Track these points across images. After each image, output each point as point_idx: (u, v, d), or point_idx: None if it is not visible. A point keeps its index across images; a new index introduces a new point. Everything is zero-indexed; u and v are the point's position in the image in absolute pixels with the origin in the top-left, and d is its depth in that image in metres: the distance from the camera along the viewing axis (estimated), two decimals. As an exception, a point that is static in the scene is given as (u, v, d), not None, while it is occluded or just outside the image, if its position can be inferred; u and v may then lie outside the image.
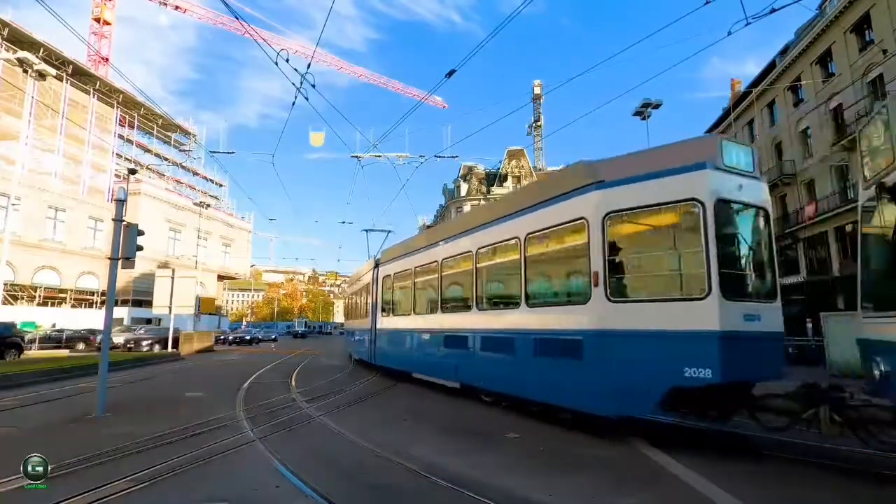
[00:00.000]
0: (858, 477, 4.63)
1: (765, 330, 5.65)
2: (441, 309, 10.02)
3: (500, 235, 8.09)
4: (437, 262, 10.23)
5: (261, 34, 31.54)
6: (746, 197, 5.87)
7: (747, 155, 6.03)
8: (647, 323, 5.71)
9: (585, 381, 6.09)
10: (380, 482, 4.48)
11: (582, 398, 6.16)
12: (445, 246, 9.94)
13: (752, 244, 6.21)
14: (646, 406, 5.60)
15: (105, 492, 3.95)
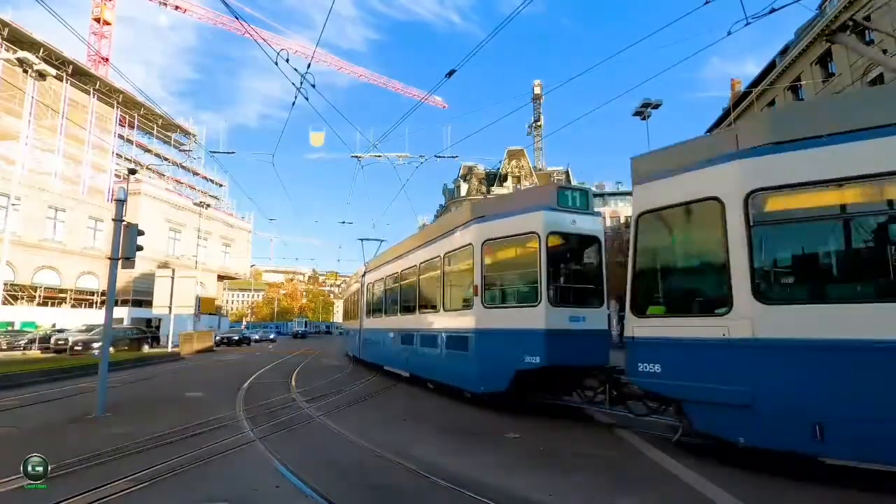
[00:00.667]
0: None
1: (589, 328, 7.51)
2: (399, 311, 12.22)
3: (431, 254, 10.14)
4: (398, 273, 12.35)
5: (261, 34, 31.53)
6: (577, 229, 7.72)
7: (582, 196, 7.92)
8: (504, 323, 7.72)
9: (469, 367, 8.20)
10: (380, 482, 4.48)
11: (467, 380, 8.20)
12: (402, 260, 11.96)
13: (579, 264, 8.14)
14: (502, 384, 7.41)
15: (105, 492, 3.95)
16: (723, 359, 4.90)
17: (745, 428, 4.73)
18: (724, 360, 4.88)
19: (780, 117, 6.23)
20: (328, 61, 57.22)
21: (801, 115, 5.44)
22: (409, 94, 62.03)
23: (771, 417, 4.58)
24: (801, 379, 4.52)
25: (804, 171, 4.64)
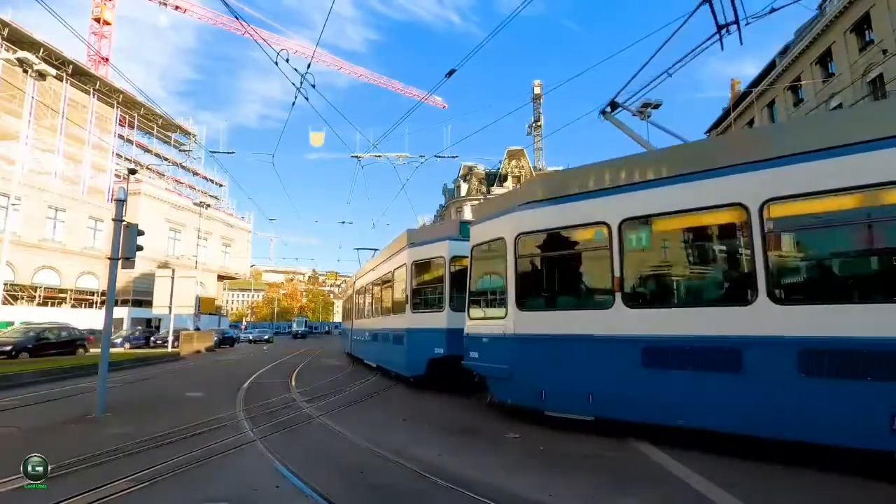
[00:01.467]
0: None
1: None
2: (369, 314, 15.34)
3: (386, 269, 13.18)
4: (369, 282, 15.39)
5: (260, 34, 31.54)
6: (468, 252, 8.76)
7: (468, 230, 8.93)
8: (424, 324, 10.47)
9: (403, 356, 11.10)
10: (380, 482, 4.48)
11: (402, 367, 11.09)
12: (372, 273, 15.04)
13: None
14: (422, 368, 10.11)
15: (105, 492, 3.95)
16: (500, 347, 7.38)
17: (508, 392, 7.40)
18: (501, 347, 7.37)
19: (535, 185, 10.02)
20: (328, 61, 57.22)
21: (548, 184, 8.22)
22: (409, 94, 62.03)
23: (519, 385, 7.11)
24: (533, 359, 6.95)
25: (543, 221, 7.27)
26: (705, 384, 5.53)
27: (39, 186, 31.87)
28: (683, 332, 5.67)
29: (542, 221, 7.21)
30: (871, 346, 4.52)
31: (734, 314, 5.45)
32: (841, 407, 4.64)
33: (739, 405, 5.25)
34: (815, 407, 4.78)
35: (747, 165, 5.48)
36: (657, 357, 5.82)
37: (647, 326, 5.94)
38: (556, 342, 6.69)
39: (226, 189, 53.30)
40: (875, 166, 4.71)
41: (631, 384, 5.96)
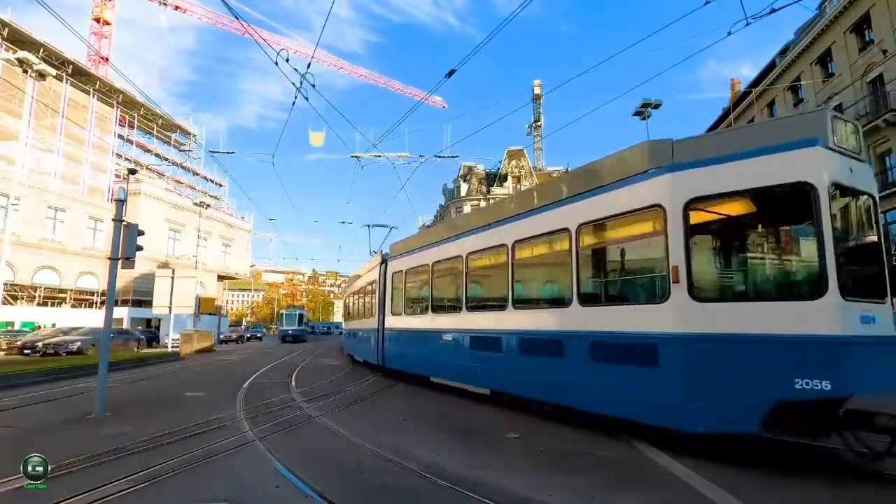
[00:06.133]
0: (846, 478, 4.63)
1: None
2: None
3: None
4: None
5: (260, 34, 31.53)
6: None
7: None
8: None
9: (377, 351, 12.60)
10: (380, 482, 4.48)
11: (376, 359, 12.27)
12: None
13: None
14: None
15: (105, 492, 3.95)
16: (378, 338, 13.56)
17: (385, 366, 12.93)
18: (378, 339, 13.57)
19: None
20: (328, 61, 57.27)
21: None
22: (408, 94, 62.10)
23: (392, 360, 12.62)
24: (400, 343, 12.29)
25: (408, 263, 11.67)
26: (542, 367, 7.16)
27: (39, 186, 31.87)
28: (531, 327, 7.61)
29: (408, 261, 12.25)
30: (635, 339, 5.71)
31: (560, 314, 6.99)
32: (619, 386, 5.88)
33: (563, 383, 6.76)
34: (602, 385, 6.13)
35: (573, 197, 6.92)
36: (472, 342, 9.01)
37: (488, 322, 8.75)
38: (407, 333, 12.04)
39: (226, 189, 53.39)
40: (624, 198, 6.08)
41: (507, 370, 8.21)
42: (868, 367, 4.66)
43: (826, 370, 4.46)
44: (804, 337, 4.60)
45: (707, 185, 5.29)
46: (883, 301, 5.08)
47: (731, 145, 5.35)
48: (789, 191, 4.94)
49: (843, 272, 4.70)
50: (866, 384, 4.52)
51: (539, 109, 61.07)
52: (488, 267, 8.94)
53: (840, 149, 5.00)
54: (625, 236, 6.38)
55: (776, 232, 5.59)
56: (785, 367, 4.63)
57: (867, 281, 5.20)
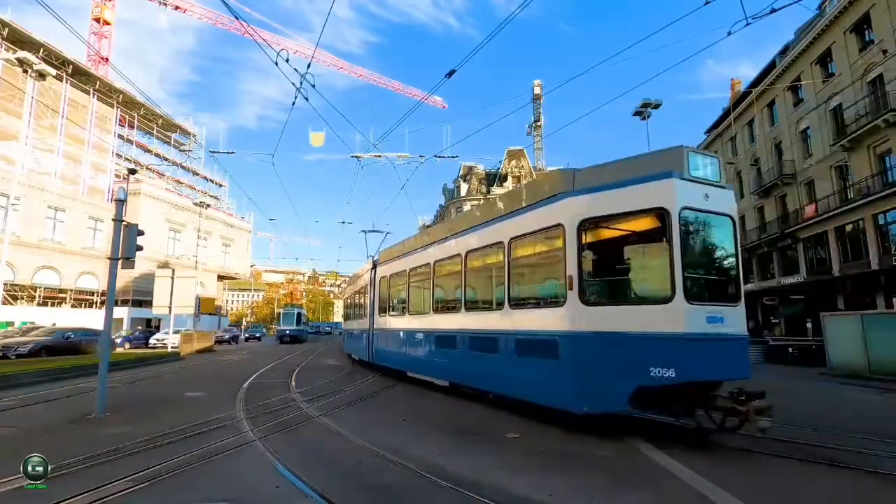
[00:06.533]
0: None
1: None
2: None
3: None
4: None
5: (260, 34, 31.52)
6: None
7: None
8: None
9: (368, 349, 12.90)
10: (380, 482, 4.47)
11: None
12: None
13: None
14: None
15: (105, 492, 3.95)
16: (368, 337, 15.10)
17: (373, 363, 14.43)
18: (368, 337, 15.07)
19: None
20: (328, 61, 57.23)
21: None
22: (408, 94, 62.08)
23: (379, 356, 13.90)
24: (384, 342, 13.48)
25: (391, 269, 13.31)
26: (484, 361, 8.26)
27: (39, 186, 31.85)
28: (476, 327, 8.75)
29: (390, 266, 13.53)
30: (543, 337, 6.79)
31: (496, 315, 8.07)
32: (534, 375, 6.96)
33: (498, 374, 7.88)
34: (523, 375, 7.17)
35: (507, 215, 7.90)
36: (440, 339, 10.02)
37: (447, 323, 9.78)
38: (388, 331, 13.37)
39: (226, 189, 53.38)
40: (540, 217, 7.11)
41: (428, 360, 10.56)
42: (704, 357, 5.67)
43: (671, 360, 5.53)
44: (656, 334, 5.65)
45: (594, 208, 6.33)
46: (735, 304, 6.20)
47: (614, 175, 6.36)
48: (650, 214, 6.04)
49: (689, 281, 5.75)
50: (703, 372, 5.69)
51: (539, 109, 61.03)
52: (449, 274, 10.00)
53: (694, 179, 6.04)
54: (540, 250, 7.34)
55: (642, 247, 6.48)
56: (644, 358, 5.66)
57: (718, 287, 6.31)
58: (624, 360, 5.81)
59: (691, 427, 6.34)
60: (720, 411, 5.79)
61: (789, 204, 28.97)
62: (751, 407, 5.33)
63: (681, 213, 5.80)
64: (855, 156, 23.28)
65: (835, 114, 24.86)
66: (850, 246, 23.83)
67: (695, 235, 6.28)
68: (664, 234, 5.83)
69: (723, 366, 5.84)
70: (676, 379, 5.49)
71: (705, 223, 6.28)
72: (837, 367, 15.06)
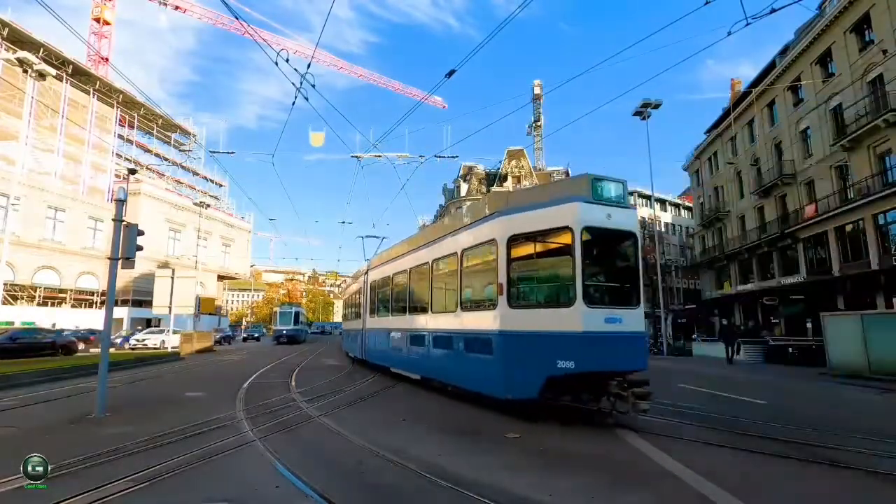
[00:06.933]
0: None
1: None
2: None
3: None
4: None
5: (260, 34, 31.50)
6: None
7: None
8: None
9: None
10: (380, 482, 4.47)
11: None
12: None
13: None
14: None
15: (105, 492, 3.95)
16: (362, 336, 16.22)
17: (365, 360, 15.60)
18: (362, 337, 16.18)
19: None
20: (328, 61, 57.23)
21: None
22: (408, 94, 62.10)
23: (370, 354, 14.97)
24: (374, 341, 14.57)
25: (379, 273, 14.23)
26: (444, 357, 9.38)
27: (39, 186, 31.85)
28: (438, 327, 9.68)
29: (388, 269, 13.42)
30: (481, 335, 7.84)
31: (452, 317, 8.96)
32: (477, 369, 8.00)
33: (453, 368, 9.02)
34: (470, 368, 8.27)
35: (460, 229, 8.98)
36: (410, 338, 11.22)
37: (418, 323, 10.74)
38: (380, 331, 13.80)
39: (226, 189, 53.39)
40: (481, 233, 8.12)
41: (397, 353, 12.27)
42: (600, 351, 6.67)
43: (572, 354, 6.56)
44: (561, 332, 6.68)
45: (519, 226, 7.31)
46: (633, 307, 7.20)
47: (538, 198, 7.65)
48: (559, 232, 7.04)
49: (590, 288, 6.94)
50: (599, 363, 6.66)
51: (539, 109, 61.05)
52: (421, 279, 10.93)
53: (597, 201, 7.01)
54: (482, 260, 8.24)
55: (554, 259, 7.44)
56: (552, 353, 6.65)
57: (617, 293, 7.34)
58: (538, 355, 6.82)
59: (594, 409, 7.43)
60: (613, 397, 6.79)
61: (789, 204, 28.96)
62: (631, 393, 6.47)
63: (582, 231, 6.80)
64: (855, 156, 23.28)
65: (835, 114, 24.85)
66: (850, 246, 23.83)
67: (596, 249, 7.39)
68: (569, 249, 6.82)
69: (619, 358, 6.85)
70: (576, 369, 6.53)
71: (607, 239, 7.36)
72: (837, 367, 15.06)
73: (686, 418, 7.45)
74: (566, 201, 6.96)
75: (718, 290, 37.88)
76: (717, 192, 38.43)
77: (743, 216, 34.22)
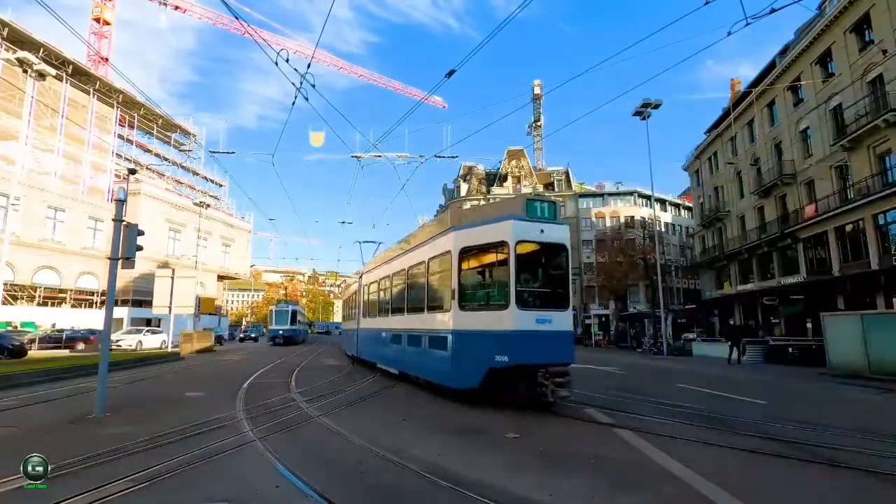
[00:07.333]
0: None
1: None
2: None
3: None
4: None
5: (260, 34, 31.50)
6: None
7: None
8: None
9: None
10: (380, 482, 4.47)
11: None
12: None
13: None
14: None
15: (105, 492, 3.95)
16: (356, 336, 17.47)
17: (358, 357, 17.03)
18: (356, 336, 17.42)
19: None
20: (328, 61, 57.26)
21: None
22: (408, 94, 62.12)
23: (361, 352, 16.39)
24: (364, 339, 15.99)
25: (370, 278, 15.67)
26: (415, 353, 10.47)
27: (39, 186, 31.83)
28: (411, 326, 10.80)
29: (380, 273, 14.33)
30: (439, 334, 9.05)
31: (422, 317, 10.07)
32: (436, 362, 9.23)
33: (421, 363, 10.28)
34: (432, 362, 9.50)
35: (428, 240, 10.12)
36: (390, 337, 12.40)
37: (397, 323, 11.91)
38: (371, 331, 14.89)
39: (226, 189, 53.36)
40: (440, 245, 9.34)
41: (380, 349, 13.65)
42: (530, 347, 7.71)
43: (506, 349, 7.67)
44: (499, 331, 7.81)
45: (468, 240, 8.49)
46: (563, 309, 8.29)
47: (486, 215, 8.83)
48: (498, 245, 8.12)
49: (523, 293, 7.94)
50: (529, 357, 7.74)
51: (539, 109, 61.10)
52: (400, 283, 12.05)
53: (531, 219, 8.16)
54: (442, 268, 9.22)
55: (494, 269, 8.51)
56: (491, 348, 7.74)
57: (547, 297, 8.36)
58: (480, 350, 7.91)
59: (526, 396, 8.18)
60: (539, 386, 7.79)
61: (789, 204, 28.96)
62: (551, 382, 7.63)
63: (517, 244, 7.86)
64: (855, 156, 23.28)
65: (835, 114, 24.86)
66: (850, 246, 23.83)
67: (530, 260, 8.36)
68: (506, 260, 7.90)
69: (547, 353, 7.86)
70: (509, 363, 7.65)
71: (540, 251, 8.38)
72: (837, 367, 15.06)
73: (686, 418, 7.45)
74: (505, 219, 8.06)
75: (718, 290, 37.89)
76: (717, 192, 38.44)
77: (743, 216, 34.22)
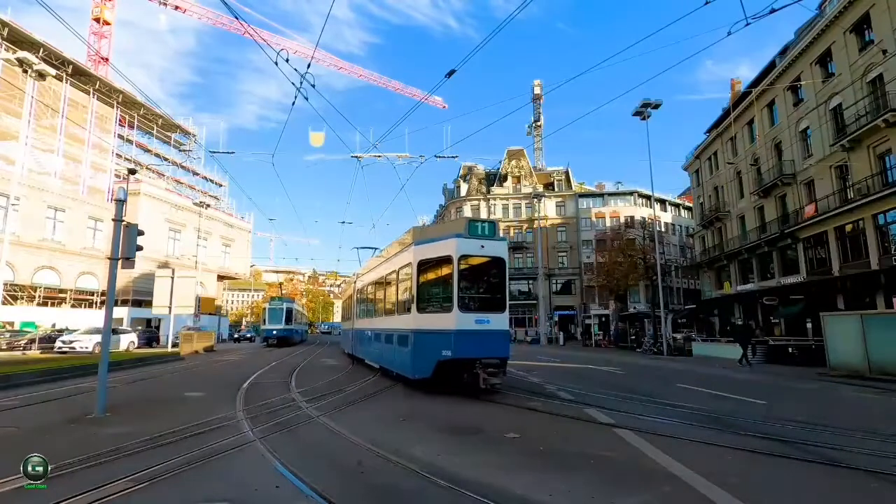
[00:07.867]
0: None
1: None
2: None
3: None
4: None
5: (260, 34, 31.50)
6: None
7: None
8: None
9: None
10: (380, 482, 4.47)
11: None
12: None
13: None
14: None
15: (105, 492, 3.95)
16: (349, 334, 20.44)
17: (353, 354, 18.72)
18: (352, 334, 19.26)
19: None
20: (328, 61, 57.24)
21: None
22: (408, 94, 62.11)
23: (354, 349, 18.15)
24: (357, 338, 17.65)
25: (363, 281, 17.11)
26: (389, 349, 12.04)
27: (39, 186, 31.84)
28: (388, 326, 12.31)
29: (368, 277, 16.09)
30: (403, 332, 10.62)
31: (396, 318, 11.44)
32: (401, 356, 10.86)
33: (393, 358, 11.86)
34: (399, 357, 11.12)
35: (401, 251, 11.54)
36: (374, 336, 14.14)
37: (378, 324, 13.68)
38: (363, 330, 16.06)
39: (226, 189, 53.37)
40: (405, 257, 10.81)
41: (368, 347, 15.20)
42: (470, 343, 9.31)
43: (450, 345, 9.24)
44: (444, 330, 9.39)
45: (424, 254, 10.06)
46: (500, 312, 9.88)
47: (438, 233, 10.52)
48: (445, 259, 9.71)
49: (465, 298, 9.55)
50: (469, 352, 9.35)
51: (539, 109, 61.13)
52: (382, 288, 13.48)
53: (472, 236, 9.76)
54: (407, 277, 10.69)
55: (444, 279, 9.89)
56: (439, 344, 9.34)
57: (486, 302, 9.96)
58: (432, 346, 9.45)
59: (467, 383, 9.71)
60: (476, 376, 9.34)
61: (789, 204, 28.96)
62: (483, 372, 9.20)
63: (460, 258, 9.49)
64: (855, 156, 23.28)
65: (835, 114, 24.86)
66: (850, 246, 23.83)
67: (471, 271, 10.02)
68: (451, 271, 9.48)
69: (485, 349, 9.45)
70: (452, 356, 9.21)
71: (480, 264, 10.02)
72: (837, 367, 15.06)
73: (686, 418, 7.46)
74: (451, 237, 9.66)
75: (718, 290, 37.89)
76: (717, 192, 38.43)
77: (743, 216, 34.22)
